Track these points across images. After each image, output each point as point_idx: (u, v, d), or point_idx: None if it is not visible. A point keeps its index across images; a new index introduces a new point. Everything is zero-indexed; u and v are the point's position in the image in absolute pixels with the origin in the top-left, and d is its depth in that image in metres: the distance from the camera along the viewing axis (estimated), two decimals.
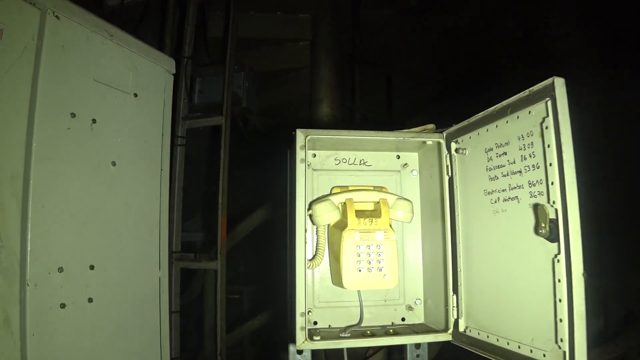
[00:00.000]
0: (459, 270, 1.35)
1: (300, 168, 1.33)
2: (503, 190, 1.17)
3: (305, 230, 1.32)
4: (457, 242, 1.36)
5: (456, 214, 1.37)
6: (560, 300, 0.96)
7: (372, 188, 1.58)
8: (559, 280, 0.97)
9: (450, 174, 1.40)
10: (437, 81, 4.07)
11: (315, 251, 1.55)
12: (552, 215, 0.98)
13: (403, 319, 1.61)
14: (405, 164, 1.65)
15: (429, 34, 4.00)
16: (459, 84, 3.94)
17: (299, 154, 1.34)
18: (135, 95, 1.68)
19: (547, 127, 0.99)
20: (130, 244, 1.64)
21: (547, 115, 0.99)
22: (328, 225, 1.54)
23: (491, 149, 1.21)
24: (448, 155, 1.41)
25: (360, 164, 1.63)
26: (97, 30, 1.54)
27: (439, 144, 1.45)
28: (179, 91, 2.96)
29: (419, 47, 4.09)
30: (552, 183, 0.98)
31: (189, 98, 3.09)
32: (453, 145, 1.39)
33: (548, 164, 0.99)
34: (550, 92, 0.98)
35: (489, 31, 3.77)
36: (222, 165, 2.83)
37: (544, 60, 3.51)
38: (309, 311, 1.52)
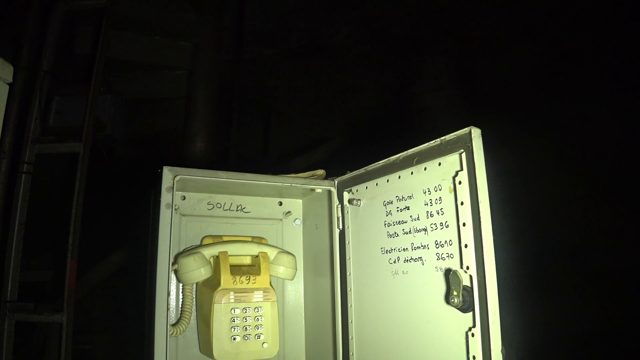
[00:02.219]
0: (350, 337, 1.17)
1: (165, 215, 1.07)
2: (404, 249, 1.03)
3: (169, 294, 1.05)
4: (349, 304, 1.19)
5: (348, 272, 1.20)
6: None
7: (250, 239, 1.37)
8: (474, 358, 0.83)
9: (341, 226, 1.23)
10: (318, 126, 4.03)
11: (180, 314, 1.29)
12: (465, 282, 0.85)
13: None
14: (288, 211, 1.47)
15: (311, 77, 3.97)
16: (340, 132, 3.93)
17: (165, 197, 1.09)
18: None
19: (460, 182, 0.87)
20: None
21: (461, 169, 0.87)
22: (197, 282, 1.29)
23: (391, 202, 1.07)
24: (340, 205, 1.25)
25: (237, 210, 1.41)
26: None
27: (329, 192, 1.29)
28: (31, 109, 2.51)
29: (301, 90, 4.04)
30: (466, 246, 0.86)
31: (42, 118, 2.63)
32: (346, 195, 1.23)
33: (461, 224, 0.87)
34: (465, 143, 0.86)
35: (370, 80, 3.83)
36: (75, 199, 2.41)
37: (417, 112, 3.63)
38: None
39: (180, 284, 1.30)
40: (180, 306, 1.30)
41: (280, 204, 1.46)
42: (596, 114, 3.33)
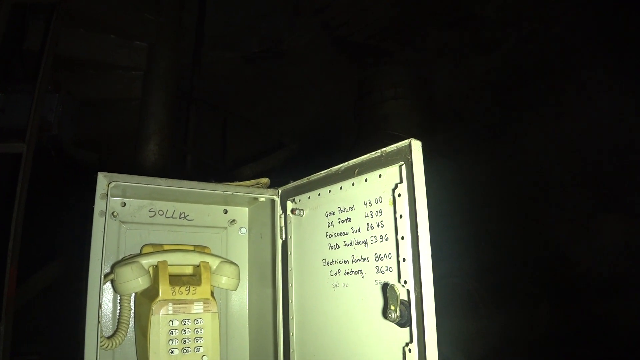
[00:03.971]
0: (291, 350, 1.14)
1: (98, 223, 1.02)
2: (345, 261, 1.01)
3: (100, 306, 1.00)
4: (290, 316, 1.16)
5: (290, 284, 1.17)
6: None
7: (192, 248, 1.32)
8: None
9: (284, 236, 1.21)
10: (276, 132, 4.00)
11: (117, 326, 1.23)
12: (403, 297, 0.84)
13: None
14: (233, 220, 1.43)
15: (271, 83, 3.94)
16: (298, 138, 3.91)
17: (99, 205, 1.04)
18: None
19: (399, 195, 0.86)
20: None
21: (401, 182, 0.86)
22: (135, 293, 1.23)
23: (333, 213, 1.05)
24: (283, 215, 1.22)
25: (180, 218, 1.36)
26: None
27: (272, 201, 1.26)
28: None
29: (260, 95, 4.00)
30: (404, 260, 0.84)
31: None
32: (289, 205, 1.20)
33: (400, 237, 0.85)
34: (405, 155, 0.85)
35: (329, 87, 3.84)
36: (17, 202, 2.30)
37: (376, 120, 3.65)
38: None
39: (118, 295, 1.24)
40: (117, 318, 1.24)
41: (226, 212, 1.42)
42: (546, 126, 3.43)
